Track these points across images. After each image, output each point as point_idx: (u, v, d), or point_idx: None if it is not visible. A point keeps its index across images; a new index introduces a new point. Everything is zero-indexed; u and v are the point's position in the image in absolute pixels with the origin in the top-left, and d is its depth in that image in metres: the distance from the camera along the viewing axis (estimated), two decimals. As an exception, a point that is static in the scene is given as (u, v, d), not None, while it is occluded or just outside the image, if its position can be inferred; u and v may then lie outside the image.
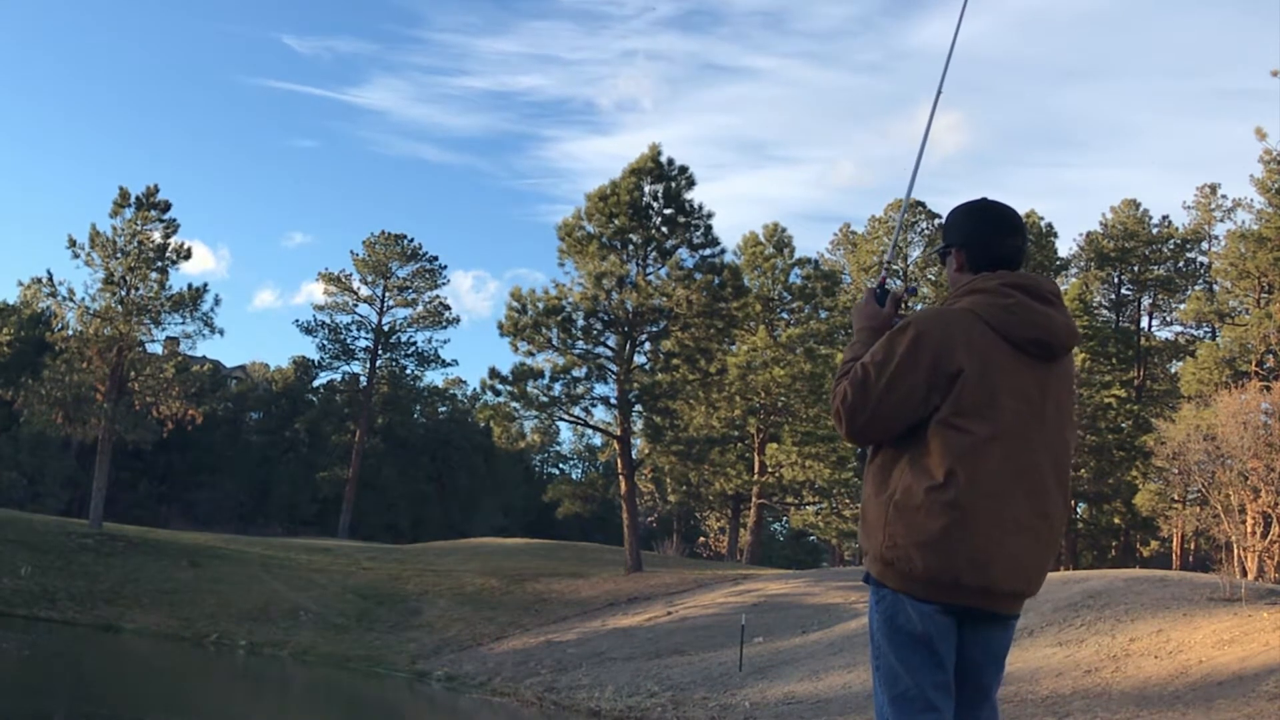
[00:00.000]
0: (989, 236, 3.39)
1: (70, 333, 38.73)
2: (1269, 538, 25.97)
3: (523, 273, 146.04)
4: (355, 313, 63.12)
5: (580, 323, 34.77)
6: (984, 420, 3.11)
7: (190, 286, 39.10)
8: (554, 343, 34.57)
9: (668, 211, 35.18)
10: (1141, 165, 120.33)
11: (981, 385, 3.12)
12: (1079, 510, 50.94)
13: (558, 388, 34.87)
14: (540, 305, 34.51)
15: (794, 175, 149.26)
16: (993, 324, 3.19)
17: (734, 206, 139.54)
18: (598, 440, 66.43)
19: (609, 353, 35.48)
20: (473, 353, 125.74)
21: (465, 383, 76.65)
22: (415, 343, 64.29)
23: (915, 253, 59.05)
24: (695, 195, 37.52)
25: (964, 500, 3.06)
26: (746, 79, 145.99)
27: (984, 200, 3.47)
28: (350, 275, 62.65)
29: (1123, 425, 49.60)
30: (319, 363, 65.69)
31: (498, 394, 35.22)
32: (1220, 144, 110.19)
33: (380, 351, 63.63)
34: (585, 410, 36.32)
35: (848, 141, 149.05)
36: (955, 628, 3.20)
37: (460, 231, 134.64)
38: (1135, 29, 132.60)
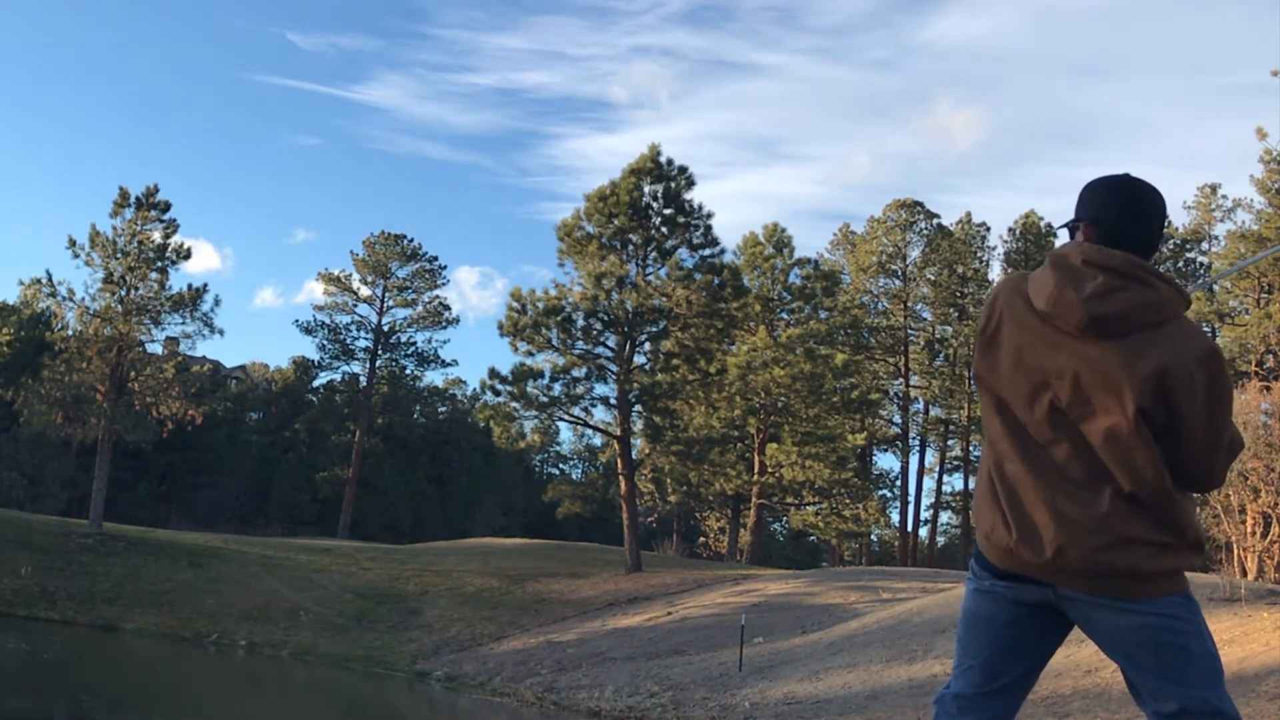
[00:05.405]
0: (1121, 216, 3.15)
1: (70, 333, 38.74)
2: (1269, 538, 25.94)
3: (529, 269, 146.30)
4: (355, 313, 63.22)
5: (580, 323, 34.78)
6: (1015, 383, 3.13)
7: (190, 287, 39.16)
8: (554, 343, 34.58)
9: (667, 212, 35.20)
10: (1145, 164, 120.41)
11: (1007, 346, 3.15)
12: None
13: (558, 388, 34.91)
14: (540, 305, 34.52)
15: (803, 172, 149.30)
16: (1023, 292, 3.20)
17: (742, 204, 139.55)
18: (598, 440, 66.44)
19: (609, 353, 35.49)
20: (478, 350, 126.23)
21: (465, 383, 76.86)
22: (415, 343, 64.42)
23: (914, 253, 59.14)
24: (696, 195, 37.66)
25: (1010, 469, 3.10)
26: (756, 75, 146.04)
27: (1126, 176, 3.22)
28: (350, 275, 62.77)
29: (1123, 425, 49.52)
30: (319, 363, 65.79)
31: (498, 394, 35.24)
32: (1221, 143, 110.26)
33: (380, 351, 63.67)
34: (585, 410, 36.36)
35: (858, 138, 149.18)
36: (1032, 610, 3.17)
37: (466, 229, 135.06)
38: (1142, 26, 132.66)
